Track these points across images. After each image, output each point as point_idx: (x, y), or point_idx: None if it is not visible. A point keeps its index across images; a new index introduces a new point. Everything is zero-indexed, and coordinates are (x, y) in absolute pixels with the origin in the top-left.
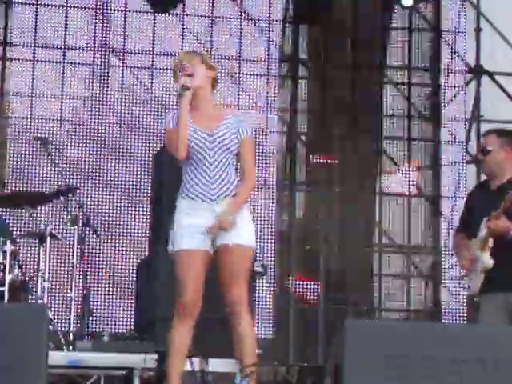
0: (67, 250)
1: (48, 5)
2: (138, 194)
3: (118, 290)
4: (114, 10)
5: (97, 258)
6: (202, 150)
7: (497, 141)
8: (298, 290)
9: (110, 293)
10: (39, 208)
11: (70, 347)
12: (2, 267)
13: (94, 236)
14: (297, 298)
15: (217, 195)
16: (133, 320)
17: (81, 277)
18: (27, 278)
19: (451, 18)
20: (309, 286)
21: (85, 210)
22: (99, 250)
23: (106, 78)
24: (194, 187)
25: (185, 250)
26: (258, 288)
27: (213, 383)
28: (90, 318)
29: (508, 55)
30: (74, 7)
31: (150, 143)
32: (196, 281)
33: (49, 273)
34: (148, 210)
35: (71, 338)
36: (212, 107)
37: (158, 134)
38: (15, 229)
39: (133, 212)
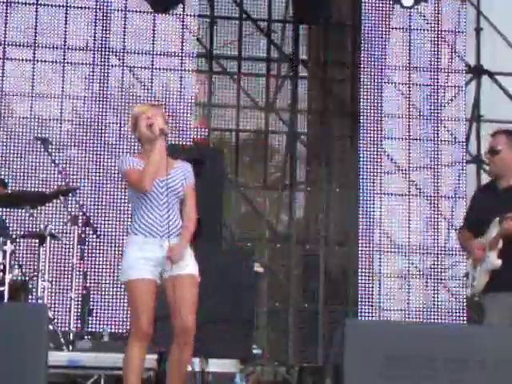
0: (67, 250)
1: (48, 5)
2: None
3: (118, 290)
4: (114, 10)
5: (97, 258)
6: (154, 193)
7: (506, 141)
8: None
9: (110, 293)
10: (39, 208)
11: (70, 347)
12: (2, 267)
13: (94, 236)
14: None
15: (165, 232)
16: None
17: (81, 277)
18: (27, 278)
19: (451, 18)
20: None
21: (85, 210)
22: (99, 249)
23: (105, 77)
24: (146, 225)
25: (137, 279)
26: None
27: (213, 383)
28: (90, 318)
29: (508, 55)
30: (73, 7)
31: None
32: (148, 307)
33: (49, 273)
34: None
35: (71, 337)
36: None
37: None
38: (15, 229)
39: None
